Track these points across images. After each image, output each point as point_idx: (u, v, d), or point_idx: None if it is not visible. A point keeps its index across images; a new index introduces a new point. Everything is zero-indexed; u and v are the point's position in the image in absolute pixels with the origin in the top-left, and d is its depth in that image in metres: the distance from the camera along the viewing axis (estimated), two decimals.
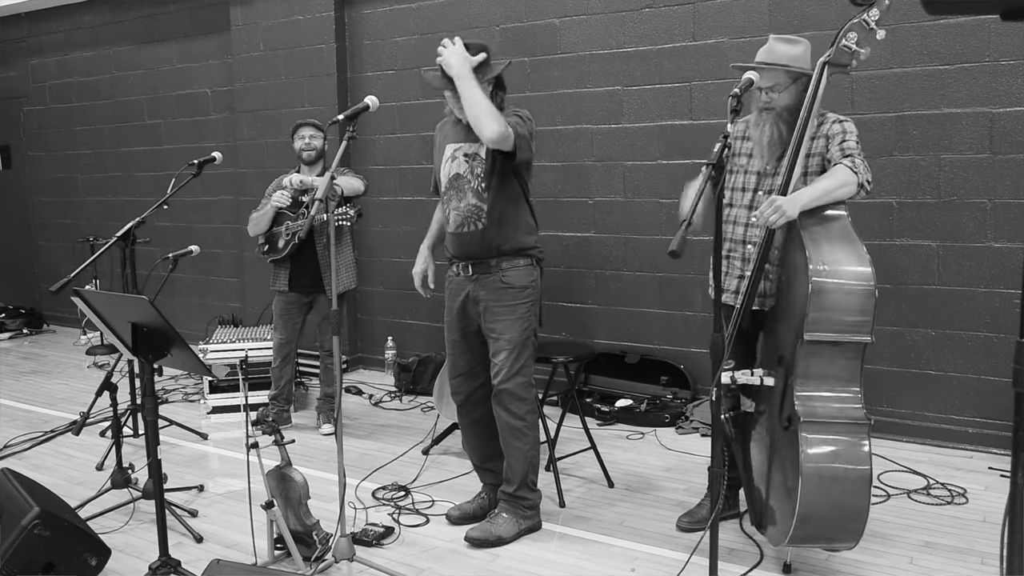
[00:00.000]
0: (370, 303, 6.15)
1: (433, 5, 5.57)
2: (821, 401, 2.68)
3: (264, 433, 3.09)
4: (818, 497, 2.62)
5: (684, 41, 4.74)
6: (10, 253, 8.54)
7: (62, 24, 7.66)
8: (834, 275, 2.64)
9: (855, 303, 2.64)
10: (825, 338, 2.64)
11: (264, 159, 6.27)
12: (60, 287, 3.20)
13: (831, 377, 2.69)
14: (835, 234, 2.74)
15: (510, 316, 3.24)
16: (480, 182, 3.22)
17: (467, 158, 3.24)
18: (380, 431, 4.79)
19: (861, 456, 2.63)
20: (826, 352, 2.67)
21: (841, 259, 2.67)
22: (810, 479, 2.61)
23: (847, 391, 2.70)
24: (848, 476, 2.62)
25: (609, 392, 5.04)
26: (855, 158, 2.82)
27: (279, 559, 3.12)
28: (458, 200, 3.26)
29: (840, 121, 2.94)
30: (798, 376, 2.69)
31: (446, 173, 3.30)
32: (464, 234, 3.25)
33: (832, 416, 2.66)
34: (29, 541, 2.78)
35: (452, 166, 3.28)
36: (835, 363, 2.68)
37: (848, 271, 2.66)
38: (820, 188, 2.77)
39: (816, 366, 2.69)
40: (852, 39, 2.75)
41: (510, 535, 3.30)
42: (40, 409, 5.33)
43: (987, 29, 3.98)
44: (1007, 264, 4.03)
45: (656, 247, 4.93)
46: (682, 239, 2.23)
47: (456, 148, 3.27)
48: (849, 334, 2.65)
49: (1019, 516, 1.69)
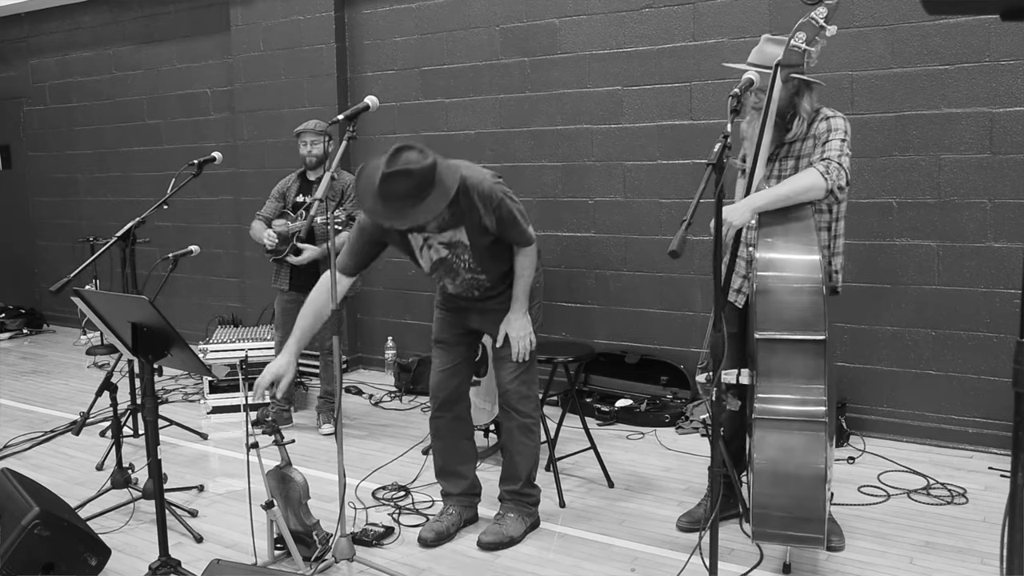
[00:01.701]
0: (370, 303, 6.15)
1: (433, 5, 5.57)
2: (780, 399, 2.67)
3: (264, 433, 3.08)
4: (772, 494, 2.61)
5: (684, 41, 4.74)
6: (10, 253, 8.53)
7: (62, 24, 7.66)
8: (779, 274, 2.66)
9: (801, 301, 2.64)
10: (774, 336, 2.65)
11: (264, 159, 6.27)
12: (60, 287, 3.20)
13: (791, 375, 2.67)
14: (792, 233, 2.75)
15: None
16: (470, 263, 3.11)
17: (446, 246, 3.08)
18: (380, 431, 4.79)
19: (816, 455, 2.61)
20: (784, 350, 2.66)
21: (790, 258, 2.69)
22: (761, 476, 2.62)
23: (808, 389, 2.66)
24: (801, 474, 2.61)
25: (609, 392, 5.03)
26: (832, 161, 2.80)
27: (279, 559, 3.11)
28: (452, 278, 3.19)
29: (828, 118, 2.93)
30: (760, 374, 2.70)
31: (426, 259, 3.16)
32: (467, 295, 3.26)
33: (789, 415, 2.65)
34: (29, 541, 2.78)
35: (430, 253, 3.13)
36: (794, 361, 2.66)
37: (793, 270, 2.67)
38: (779, 192, 2.79)
39: (776, 364, 2.68)
40: (801, 38, 2.75)
41: (519, 534, 3.31)
42: (40, 409, 5.33)
43: (987, 29, 3.98)
44: (1007, 264, 4.03)
45: (656, 247, 4.93)
46: (682, 239, 2.23)
47: (427, 237, 3.08)
48: (800, 332, 2.64)
49: (1019, 516, 1.69)
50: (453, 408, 3.37)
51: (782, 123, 2.95)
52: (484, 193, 2.95)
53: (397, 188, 2.73)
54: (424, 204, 2.76)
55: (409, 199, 2.74)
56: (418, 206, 2.76)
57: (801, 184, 2.77)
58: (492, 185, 2.98)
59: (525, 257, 3.16)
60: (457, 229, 3.02)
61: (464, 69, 5.49)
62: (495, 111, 5.41)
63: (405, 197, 2.74)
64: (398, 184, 2.72)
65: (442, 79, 5.59)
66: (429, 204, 2.77)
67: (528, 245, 3.15)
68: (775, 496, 2.61)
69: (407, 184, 2.72)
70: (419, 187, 2.74)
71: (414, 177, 2.72)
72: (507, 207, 3.01)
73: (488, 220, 2.98)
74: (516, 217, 3.04)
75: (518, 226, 3.06)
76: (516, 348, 3.19)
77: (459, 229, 3.01)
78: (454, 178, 2.82)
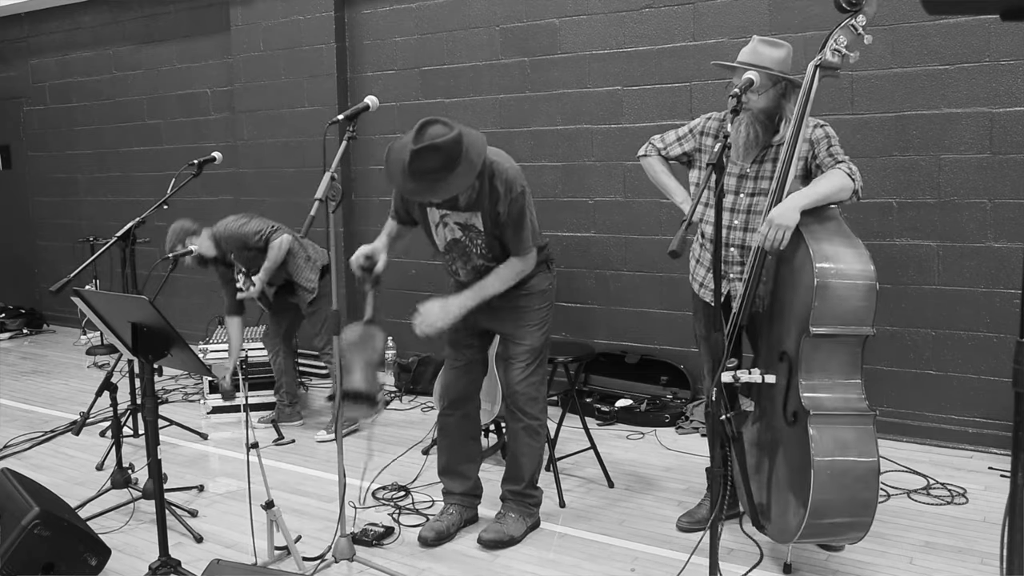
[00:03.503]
0: None
1: (433, 5, 5.57)
2: (826, 394, 2.71)
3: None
4: (830, 489, 2.63)
5: (684, 41, 4.74)
6: (10, 253, 8.53)
7: (62, 24, 7.66)
8: (838, 270, 2.68)
9: (858, 296, 2.67)
10: (830, 331, 2.67)
11: (264, 159, 6.27)
12: (60, 287, 3.20)
13: (834, 370, 2.72)
14: (832, 231, 2.78)
15: (530, 323, 3.23)
16: (482, 249, 3.11)
17: (461, 228, 3.09)
18: (380, 431, 4.79)
19: (869, 447, 2.66)
20: (829, 346, 2.69)
21: (843, 254, 2.71)
22: (822, 472, 2.63)
23: (850, 384, 2.72)
24: (857, 468, 2.65)
25: (609, 392, 5.04)
26: (850, 163, 2.86)
27: (279, 559, 3.12)
28: (464, 261, 3.17)
29: (820, 126, 2.97)
30: (803, 371, 2.71)
31: (440, 237, 3.16)
32: None
33: (838, 408, 2.69)
34: (29, 541, 2.78)
35: (445, 232, 3.14)
36: (837, 356, 2.71)
37: (851, 265, 2.69)
38: (819, 192, 2.80)
39: (819, 360, 2.71)
40: (843, 43, 2.77)
41: (520, 533, 3.30)
42: (40, 409, 5.33)
43: (987, 29, 3.98)
44: (1007, 264, 4.03)
45: (656, 247, 4.92)
46: (682, 239, 2.23)
47: (444, 215, 3.10)
48: (853, 327, 2.68)
49: (1019, 516, 1.69)
50: (463, 407, 3.37)
51: (770, 124, 2.98)
52: (508, 180, 2.98)
53: (426, 163, 2.75)
54: (454, 176, 2.80)
55: (440, 172, 2.77)
56: (448, 179, 2.79)
57: (836, 184, 2.81)
58: (517, 176, 3.01)
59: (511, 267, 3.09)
60: (474, 213, 3.03)
61: (464, 69, 5.49)
62: (495, 111, 5.41)
63: (436, 171, 2.76)
64: (427, 159, 2.75)
65: (442, 79, 5.59)
66: (459, 176, 2.80)
67: (522, 254, 3.09)
68: (833, 491, 2.64)
69: (436, 159, 2.75)
70: (448, 160, 2.76)
71: (442, 151, 2.75)
72: (521, 205, 3.00)
73: (502, 207, 2.98)
74: (524, 219, 3.02)
75: (521, 229, 3.03)
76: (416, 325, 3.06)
77: (475, 214, 3.03)
78: (479, 150, 2.85)
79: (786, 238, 2.75)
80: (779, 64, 2.93)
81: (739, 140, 3.00)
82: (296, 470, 4.18)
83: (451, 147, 2.77)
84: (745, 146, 3.00)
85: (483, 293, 3.09)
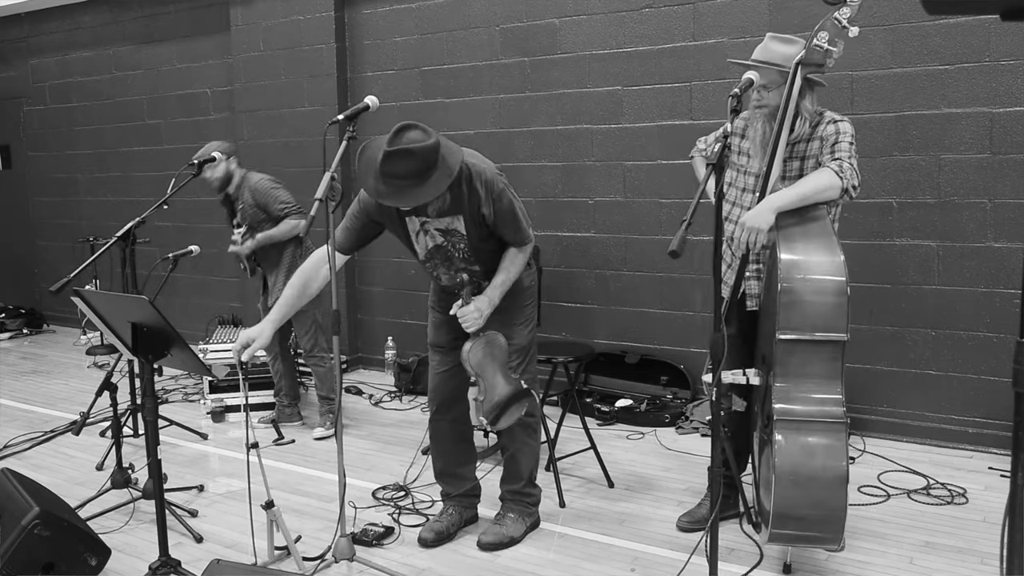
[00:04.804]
0: (370, 303, 6.15)
1: (433, 5, 5.57)
2: (799, 400, 2.66)
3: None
4: (793, 496, 2.60)
5: (684, 41, 4.74)
6: (10, 253, 8.53)
7: (62, 24, 7.66)
8: (805, 274, 2.64)
9: (826, 302, 2.63)
10: (797, 337, 2.64)
11: (264, 159, 6.26)
12: (60, 287, 3.20)
13: (810, 376, 2.67)
14: (812, 233, 2.73)
15: (516, 322, 3.20)
16: (465, 252, 3.05)
17: (443, 233, 3.02)
18: (380, 431, 4.79)
19: (838, 455, 2.61)
20: (803, 351, 2.65)
21: (813, 259, 2.67)
22: (784, 478, 2.60)
23: (826, 390, 2.67)
24: (824, 475, 2.60)
25: (609, 392, 5.04)
26: (844, 161, 2.80)
27: (279, 559, 3.12)
28: (447, 268, 3.12)
29: (835, 121, 2.92)
30: (777, 375, 2.69)
31: (422, 245, 3.08)
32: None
33: (810, 415, 2.64)
34: (29, 541, 2.78)
35: (427, 239, 3.06)
36: (813, 362, 2.66)
37: (818, 271, 2.65)
38: (798, 192, 2.77)
39: (794, 365, 2.67)
40: (824, 38, 2.75)
41: (520, 534, 3.30)
42: (40, 409, 5.33)
43: (987, 29, 3.98)
44: (1007, 264, 4.03)
45: (656, 247, 4.93)
46: (682, 239, 2.23)
47: (424, 222, 3.01)
48: (822, 333, 2.63)
49: (1019, 516, 1.69)
50: (452, 410, 3.33)
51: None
52: (487, 179, 2.93)
53: (399, 167, 2.69)
54: (426, 184, 2.73)
55: (411, 179, 2.71)
56: (420, 186, 2.73)
57: (819, 183, 2.76)
58: (495, 175, 2.97)
59: (517, 255, 3.09)
60: (455, 217, 2.98)
61: (464, 69, 5.50)
62: (495, 111, 5.41)
63: (407, 176, 2.70)
64: (400, 163, 2.69)
65: (442, 79, 5.59)
66: (431, 184, 2.73)
67: (523, 245, 3.08)
68: (796, 498, 2.60)
69: (409, 164, 2.69)
70: (422, 167, 2.70)
71: (416, 157, 2.69)
72: (508, 200, 2.97)
73: (487, 209, 2.94)
74: (516, 212, 3.00)
75: (517, 222, 3.01)
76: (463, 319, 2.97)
77: (457, 217, 2.98)
78: (456, 160, 2.80)
79: (758, 240, 2.73)
80: (790, 61, 2.87)
81: (756, 138, 2.99)
82: (296, 470, 4.18)
83: (426, 154, 2.70)
84: (762, 144, 2.97)
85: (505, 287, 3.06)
